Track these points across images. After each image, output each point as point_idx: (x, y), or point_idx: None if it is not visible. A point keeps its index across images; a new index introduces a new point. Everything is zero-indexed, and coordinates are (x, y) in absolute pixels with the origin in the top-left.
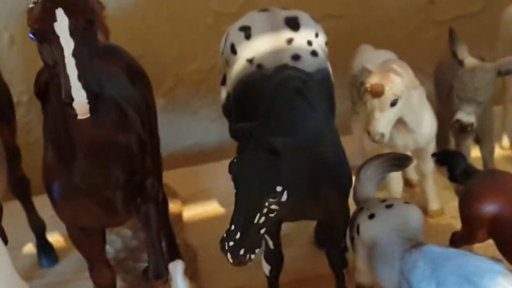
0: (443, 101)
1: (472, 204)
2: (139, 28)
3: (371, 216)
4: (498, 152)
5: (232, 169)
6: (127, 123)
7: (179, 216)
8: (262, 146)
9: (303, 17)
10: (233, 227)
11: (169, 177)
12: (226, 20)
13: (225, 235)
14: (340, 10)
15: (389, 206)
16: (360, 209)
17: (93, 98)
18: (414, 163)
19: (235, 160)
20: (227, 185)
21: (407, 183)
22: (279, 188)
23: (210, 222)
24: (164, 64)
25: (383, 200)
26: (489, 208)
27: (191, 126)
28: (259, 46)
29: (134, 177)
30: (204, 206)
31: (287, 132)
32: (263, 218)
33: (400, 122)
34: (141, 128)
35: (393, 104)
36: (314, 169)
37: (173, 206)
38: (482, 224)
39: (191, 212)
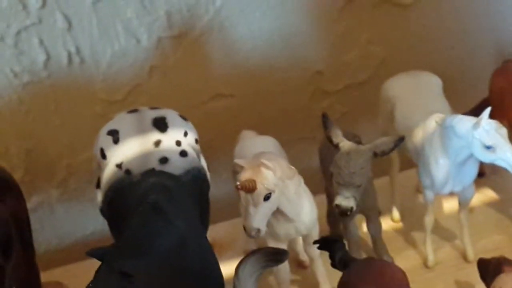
0: (329, 181)
1: None
2: (25, 122)
3: None
4: (389, 225)
5: None
6: None
7: None
8: (114, 271)
9: (171, 116)
10: None
11: (64, 273)
12: (114, 108)
13: None
14: (228, 88)
15: None
16: None
17: None
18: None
19: (90, 284)
20: None
21: (300, 264)
22: None
23: None
24: (55, 156)
25: None
26: None
27: (88, 214)
28: (127, 150)
29: None
30: None
31: (140, 253)
32: None
33: (278, 212)
34: None
35: (267, 198)
36: (177, 283)
37: None
38: None
39: None
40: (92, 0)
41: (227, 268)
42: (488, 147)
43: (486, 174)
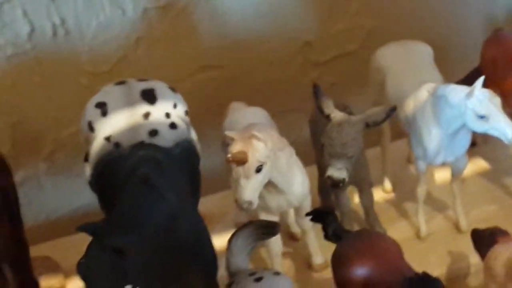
0: (320, 152)
1: (342, 267)
2: (11, 95)
3: None
4: (381, 195)
5: (79, 269)
6: None
7: None
8: (106, 246)
9: (160, 88)
10: None
11: (52, 247)
12: (100, 80)
13: None
14: (216, 60)
15: (258, 280)
16: (229, 284)
17: None
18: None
19: (82, 260)
20: None
21: (291, 236)
22: (128, 287)
23: None
24: (41, 129)
25: (253, 273)
26: (359, 271)
27: (76, 189)
28: (116, 123)
29: None
30: None
31: (132, 228)
32: None
33: (270, 184)
34: None
35: (258, 170)
36: (170, 257)
37: (55, 282)
38: (355, 286)
39: (76, 284)
40: None
41: (218, 241)
42: (481, 117)
43: (477, 143)
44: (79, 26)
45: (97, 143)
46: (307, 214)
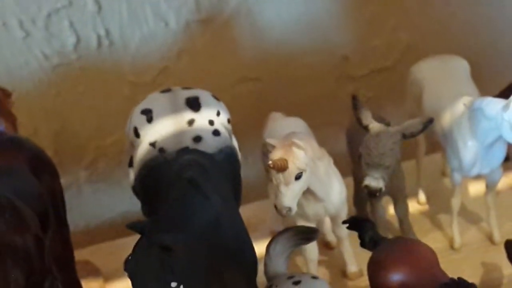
0: (357, 163)
1: (378, 273)
2: (55, 104)
3: None
4: (415, 207)
5: (126, 266)
6: (23, 222)
7: None
8: (153, 244)
9: (204, 96)
10: None
11: (92, 253)
12: (142, 90)
13: None
14: (255, 72)
15: (296, 283)
16: (269, 287)
17: None
18: (329, 226)
19: (129, 257)
20: None
21: (326, 245)
22: (174, 284)
23: None
24: (84, 138)
25: (291, 276)
26: (395, 277)
27: (116, 196)
28: (161, 129)
29: (33, 278)
30: (127, 281)
31: (179, 227)
32: None
33: (308, 192)
34: (37, 226)
35: (298, 177)
36: (213, 257)
37: (95, 285)
38: None
39: None
40: None
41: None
42: None
43: (511, 158)
44: (123, 37)
45: (142, 149)
46: (344, 222)
